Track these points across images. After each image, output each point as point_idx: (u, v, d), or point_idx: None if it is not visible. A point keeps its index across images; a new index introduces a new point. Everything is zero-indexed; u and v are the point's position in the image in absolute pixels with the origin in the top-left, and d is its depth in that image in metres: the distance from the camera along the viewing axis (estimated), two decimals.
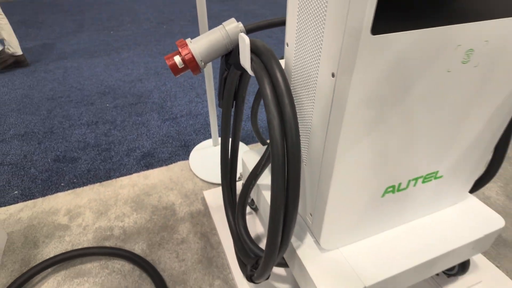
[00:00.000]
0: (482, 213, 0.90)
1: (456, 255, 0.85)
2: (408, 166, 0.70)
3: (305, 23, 0.58)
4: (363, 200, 0.72)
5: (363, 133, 0.58)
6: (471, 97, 0.64)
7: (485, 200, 1.40)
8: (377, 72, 0.50)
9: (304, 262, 0.77)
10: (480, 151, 0.79)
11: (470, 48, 0.56)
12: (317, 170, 0.68)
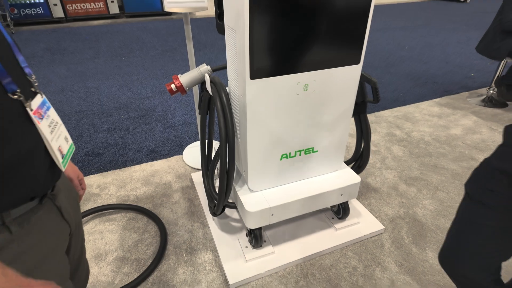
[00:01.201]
0: (349, 176, 1.54)
1: (331, 196, 1.48)
2: (292, 143, 1.35)
3: (231, 68, 1.25)
4: (269, 162, 1.36)
5: (260, 125, 1.23)
6: (316, 106, 1.29)
7: (384, 179, 2.03)
8: (258, 94, 1.16)
9: (240, 196, 1.41)
10: (336, 138, 1.43)
11: (306, 83, 1.22)
12: (243, 146, 1.33)
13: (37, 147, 0.59)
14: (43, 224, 0.64)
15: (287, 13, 1.03)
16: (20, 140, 0.55)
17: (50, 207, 0.66)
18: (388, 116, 2.83)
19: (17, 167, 0.55)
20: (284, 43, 1.08)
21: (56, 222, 0.68)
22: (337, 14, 1.09)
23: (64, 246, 0.72)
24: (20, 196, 0.58)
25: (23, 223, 0.59)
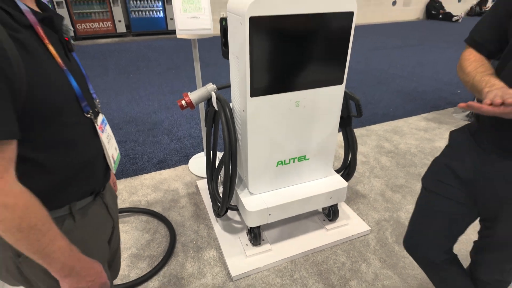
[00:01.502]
0: (338, 181, 1.74)
1: (321, 199, 1.67)
2: (286, 151, 1.56)
3: (235, 87, 1.47)
4: (267, 168, 1.57)
5: (259, 136, 1.45)
6: (306, 120, 1.51)
7: (372, 186, 2.22)
8: (257, 109, 1.38)
9: (241, 198, 1.60)
10: (325, 147, 1.64)
11: (297, 100, 1.44)
12: (244, 154, 1.54)
13: (99, 154, 0.77)
14: (96, 216, 0.80)
15: (281, 44, 1.26)
16: (90, 147, 0.74)
17: (101, 203, 0.82)
18: (378, 130, 3.05)
19: (86, 168, 0.73)
20: (278, 67, 1.31)
21: (104, 216, 0.84)
22: (322, 45, 1.33)
23: (108, 237, 0.88)
24: (84, 190, 0.75)
25: (83, 214, 0.75)
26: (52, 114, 0.62)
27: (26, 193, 0.57)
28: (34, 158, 0.62)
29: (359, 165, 2.49)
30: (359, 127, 3.12)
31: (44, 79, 0.59)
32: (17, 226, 0.55)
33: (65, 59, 0.67)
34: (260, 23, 1.18)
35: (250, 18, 1.16)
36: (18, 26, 0.57)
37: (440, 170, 1.02)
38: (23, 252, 0.60)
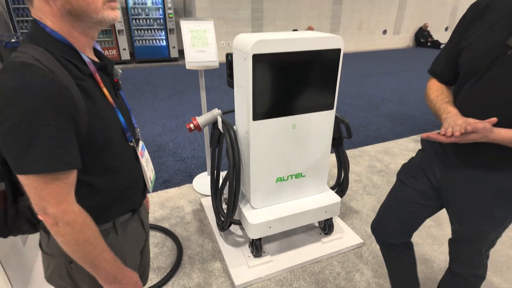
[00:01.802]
0: (332, 197, 1.91)
1: (317, 213, 1.83)
2: (284, 169, 1.74)
3: (238, 112, 1.67)
4: (267, 184, 1.74)
5: (260, 155, 1.63)
6: (302, 140, 1.70)
7: (365, 203, 2.38)
8: (259, 131, 1.57)
9: (244, 212, 1.76)
10: (319, 165, 1.82)
11: (294, 123, 1.64)
12: (247, 171, 1.72)
13: (140, 176, 0.88)
14: (133, 230, 0.90)
15: (279, 76, 1.47)
16: (132, 172, 0.85)
17: (137, 219, 0.93)
18: (370, 151, 3.25)
19: (129, 189, 0.85)
20: (277, 95, 1.52)
21: (140, 230, 0.95)
22: (314, 76, 1.54)
23: (140, 249, 0.98)
24: (127, 208, 0.86)
25: (124, 228, 0.86)
26: (104, 145, 0.74)
27: (83, 213, 0.69)
28: (88, 181, 0.73)
29: (353, 183, 2.66)
30: (352, 148, 3.32)
31: (99, 118, 0.71)
32: (75, 240, 0.68)
33: (114, 98, 0.80)
34: (262, 59, 1.40)
35: (253, 55, 1.38)
36: (82, 75, 0.70)
37: (413, 168, 1.22)
38: (77, 261, 0.72)
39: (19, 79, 0.58)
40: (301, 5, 8.82)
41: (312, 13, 9.05)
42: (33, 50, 0.63)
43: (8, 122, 0.58)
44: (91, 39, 0.74)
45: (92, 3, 0.66)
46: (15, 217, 0.77)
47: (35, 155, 0.60)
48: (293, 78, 1.51)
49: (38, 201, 0.64)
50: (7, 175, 0.72)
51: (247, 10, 8.26)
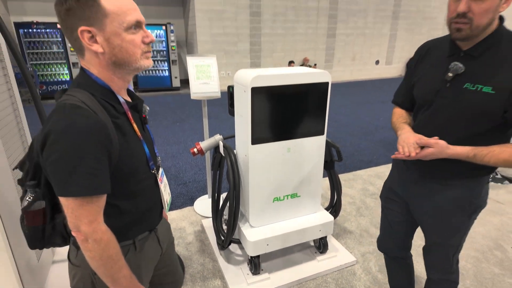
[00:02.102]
0: (325, 216, 2.04)
1: (311, 231, 1.95)
2: (281, 189, 1.88)
3: (238, 137, 1.85)
4: (265, 204, 1.88)
5: (258, 176, 1.79)
6: (296, 163, 1.86)
7: (358, 224, 2.50)
8: (257, 154, 1.74)
9: (243, 230, 1.88)
10: (312, 186, 1.97)
11: (288, 147, 1.81)
12: (246, 191, 1.86)
13: (158, 199, 1.00)
14: (149, 247, 1.00)
15: (274, 105, 1.67)
16: (153, 196, 0.97)
17: (154, 237, 1.02)
18: (363, 175, 3.40)
19: (149, 211, 0.97)
20: (273, 122, 1.70)
21: (155, 247, 1.04)
22: (305, 105, 1.74)
23: (154, 264, 1.07)
24: (145, 228, 0.97)
25: (141, 246, 0.96)
26: (130, 173, 0.86)
27: (109, 232, 0.80)
28: (114, 204, 0.85)
29: (347, 205, 2.79)
30: (346, 172, 3.47)
31: (128, 151, 0.84)
32: (100, 255, 0.79)
33: (142, 131, 0.93)
34: (259, 91, 1.60)
35: (252, 88, 1.58)
36: (117, 114, 0.84)
37: (387, 190, 1.39)
38: (100, 275, 0.82)
39: (68, 119, 0.73)
40: (297, 39, 9.33)
41: (307, 46, 9.56)
42: (80, 93, 0.79)
43: (56, 154, 0.72)
44: (127, 82, 0.90)
45: (133, 55, 0.83)
46: (52, 232, 0.90)
47: (75, 182, 0.73)
48: (287, 108, 1.70)
49: (73, 220, 0.76)
50: (48, 196, 0.87)
51: (246, 43, 8.74)
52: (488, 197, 1.21)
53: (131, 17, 0.80)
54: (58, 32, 7.30)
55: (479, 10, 0.93)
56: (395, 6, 10.43)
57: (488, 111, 1.00)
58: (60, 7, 0.77)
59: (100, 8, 0.77)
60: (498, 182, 3.19)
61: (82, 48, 0.81)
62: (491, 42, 1.00)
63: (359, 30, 10.18)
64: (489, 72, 1.00)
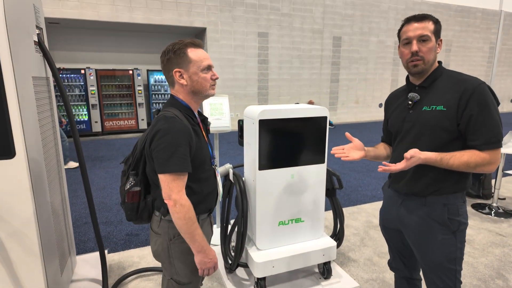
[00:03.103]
0: (328, 241, 2.15)
1: (315, 255, 2.06)
2: (285, 214, 2.04)
3: (247, 164, 2.05)
4: (271, 227, 2.02)
5: (265, 200, 1.96)
6: (299, 188, 2.04)
7: (362, 253, 2.57)
8: (263, 179, 1.93)
9: (250, 253, 2.00)
10: (315, 211, 2.12)
11: (292, 174, 2.00)
12: (253, 215, 2.02)
13: (216, 187, 1.35)
14: (206, 227, 1.34)
15: (279, 136, 1.90)
16: (213, 184, 1.33)
17: (209, 221, 1.38)
18: (367, 208, 3.50)
19: (210, 194, 1.31)
20: (277, 150, 1.92)
21: (209, 229, 1.38)
22: (307, 136, 1.96)
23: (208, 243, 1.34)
24: (207, 208, 1.31)
25: (202, 223, 1.30)
26: (200, 163, 1.23)
27: (188, 201, 1.15)
28: (189, 185, 1.20)
29: (351, 236, 2.87)
30: (351, 205, 3.58)
31: (200, 148, 1.23)
32: (184, 216, 1.12)
33: (207, 137, 1.34)
34: (266, 123, 1.84)
35: (259, 121, 1.82)
36: (194, 123, 1.26)
37: (382, 218, 1.53)
38: (182, 233, 1.15)
39: (169, 123, 1.13)
40: (302, 83, 9.91)
41: (312, 90, 10.10)
42: (173, 109, 1.21)
43: (163, 144, 1.11)
44: (198, 104, 1.32)
45: (205, 86, 1.24)
46: (144, 208, 1.27)
47: (173, 162, 1.10)
48: (290, 138, 1.93)
49: (167, 191, 1.12)
50: (143, 181, 1.26)
51: (254, 87, 9.30)
52: (467, 219, 1.33)
53: (205, 62, 1.22)
54: (81, 77, 7.96)
55: (426, 49, 1.26)
56: (394, 54, 11.11)
57: (444, 125, 1.24)
58: (163, 57, 1.23)
59: (187, 57, 1.20)
60: (501, 217, 3.25)
61: (174, 82, 1.24)
62: (435, 76, 1.31)
63: (361, 76, 10.77)
64: (439, 95, 1.27)
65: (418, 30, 1.26)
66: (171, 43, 1.23)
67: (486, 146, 1.19)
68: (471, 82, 1.22)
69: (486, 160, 1.19)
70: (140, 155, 1.24)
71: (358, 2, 10.09)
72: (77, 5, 7.17)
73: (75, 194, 3.98)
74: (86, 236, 2.93)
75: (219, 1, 8.40)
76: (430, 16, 1.29)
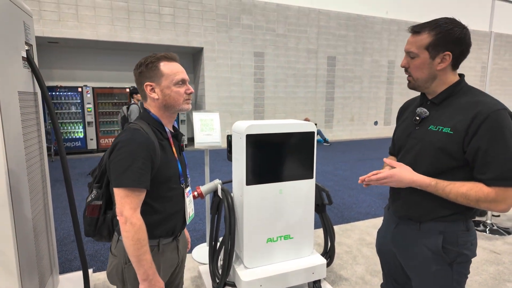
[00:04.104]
0: (318, 259, 2.10)
1: (304, 273, 2.00)
2: (274, 230, 2.00)
3: (235, 179, 2.03)
4: (259, 244, 1.98)
5: (252, 216, 1.93)
6: (288, 204, 2.01)
7: (354, 271, 2.51)
8: (251, 194, 1.90)
9: (238, 271, 1.95)
10: (304, 228, 2.08)
11: (280, 189, 1.98)
12: (241, 231, 1.98)
13: (182, 209, 1.26)
14: (170, 254, 1.23)
15: (266, 150, 1.89)
16: (179, 204, 1.24)
17: (175, 246, 1.26)
18: (361, 226, 3.45)
19: (174, 215, 1.22)
20: (265, 165, 1.91)
21: (174, 254, 1.26)
22: (295, 151, 1.96)
23: (172, 270, 1.28)
24: (169, 231, 1.21)
25: (164, 249, 1.20)
26: (165, 180, 1.17)
27: (141, 220, 1.07)
28: (149, 203, 1.13)
29: (343, 254, 2.81)
30: (344, 223, 3.53)
31: (166, 164, 1.17)
32: (132, 236, 1.03)
33: (178, 154, 1.27)
34: (253, 138, 1.84)
35: (247, 135, 1.82)
36: (163, 138, 1.20)
37: (378, 241, 1.46)
38: (128, 254, 1.05)
39: (130, 135, 1.09)
40: (298, 101, 10.02)
41: (307, 107, 10.20)
42: (141, 122, 1.17)
43: (119, 156, 1.06)
44: (172, 119, 1.28)
45: (178, 101, 1.20)
46: (102, 224, 1.21)
47: (127, 176, 1.04)
48: (278, 152, 1.93)
49: (120, 206, 1.05)
50: (105, 195, 1.21)
51: (250, 105, 9.39)
52: (476, 247, 1.20)
53: (178, 76, 1.19)
54: (78, 95, 8.02)
55: (413, 66, 1.19)
56: (388, 73, 11.33)
57: (448, 149, 1.12)
58: (136, 71, 1.21)
59: (159, 71, 1.17)
60: (495, 234, 3.20)
61: (146, 96, 1.22)
62: (449, 92, 1.18)
63: (356, 94, 10.92)
64: (448, 116, 1.14)
65: (407, 45, 1.19)
66: (145, 56, 1.20)
67: (494, 182, 1.05)
68: (486, 106, 1.07)
69: (490, 197, 1.05)
70: (105, 167, 1.18)
71: (352, 23, 10.39)
72: (76, 25, 7.33)
73: (65, 212, 3.91)
74: (73, 255, 2.86)
75: (216, 22, 8.62)
76: (431, 25, 1.14)
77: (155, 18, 7.99)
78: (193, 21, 8.37)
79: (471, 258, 1.20)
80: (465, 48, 1.16)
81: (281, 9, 9.30)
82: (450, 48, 1.13)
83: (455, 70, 1.20)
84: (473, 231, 1.20)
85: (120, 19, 7.69)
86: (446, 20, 1.15)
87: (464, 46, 1.15)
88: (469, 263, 1.20)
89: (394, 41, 11.23)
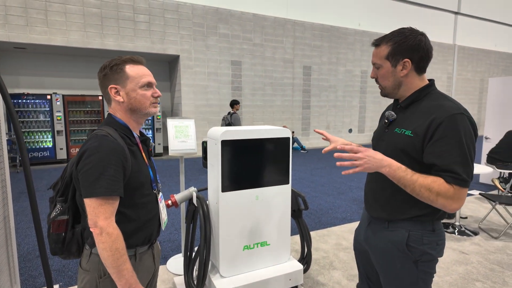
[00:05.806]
0: (295, 265, 2.09)
1: (282, 280, 1.99)
2: (250, 237, 1.98)
3: (210, 186, 2.00)
4: (235, 252, 1.94)
5: (228, 223, 1.90)
6: (264, 210, 2.00)
7: (331, 277, 2.52)
8: (227, 201, 1.88)
9: (213, 281, 1.90)
10: (281, 234, 2.07)
11: (256, 195, 1.97)
12: (216, 240, 1.94)
13: (157, 215, 1.23)
14: (147, 261, 1.21)
15: (241, 156, 1.88)
16: (153, 210, 1.20)
17: (151, 253, 1.23)
18: (337, 231, 3.50)
19: (149, 222, 1.18)
20: (241, 172, 1.89)
21: (151, 262, 1.24)
22: (270, 157, 1.96)
23: (149, 278, 1.25)
24: (145, 239, 1.17)
25: (141, 258, 1.17)
26: (137, 187, 1.13)
27: (118, 229, 1.02)
28: (123, 211, 1.09)
29: (320, 259, 2.82)
30: (321, 228, 3.56)
31: (138, 169, 1.13)
32: (110, 246, 0.99)
33: (148, 160, 1.24)
34: (228, 144, 1.83)
35: (222, 141, 1.81)
36: (132, 144, 1.17)
37: (354, 239, 1.49)
38: (107, 267, 0.99)
39: (99, 142, 1.03)
40: (275, 110, 10.13)
41: (285, 116, 10.33)
42: (107, 128, 1.12)
43: (89, 165, 1.01)
44: (139, 124, 1.23)
45: (144, 104, 1.16)
46: (71, 239, 1.13)
47: (99, 185, 0.99)
48: (253, 159, 1.92)
49: (93, 217, 1.00)
50: (72, 209, 1.13)
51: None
52: (443, 248, 1.23)
53: (144, 79, 1.16)
54: (47, 103, 7.67)
55: (380, 76, 1.26)
56: (361, 82, 11.73)
57: (409, 150, 1.18)
58: (100, 73, 1.16)
59: (125, 74, 1.14)
60: (463, 235, 3.35)
61: (110, 99, 1.17)
62: (414, 97, 1.23)
63: (331, 103, 11.20)
64: (411, 120, 1.21)
65: (372, 57, 1.27)
66: (109, 59, 1.16)
67: (452, 179, 1.08)
68: (444, 110, 1.12)
69: (450, 192, 1.07)
70: (69, 178, 1.12)
71: (326, 34, 10.72)
72: (45, 31, 7.06)
73: (30, 225, 3.68)
74: (37, 271, 2.68)
75: (192, 30, 8.60)
76: (388, 37, 1.22)
77: (129, 25, 7.85)
78: (169, 29, 8.31)
79: (437, 258, 1.24)
80: (423, 53, 1.21)
81: (258, 19, 9.45)
82: (407, 55, 1.19)
83: (421, 75, 1.26)
84: (439, 232, 1.24)
85: (92, 26, 7.49)
86: (402, 30, 1.22)
87: (422, 51, 1.20)
88: (434, 263, 1.24)
89: (367, 52, 11.68)
